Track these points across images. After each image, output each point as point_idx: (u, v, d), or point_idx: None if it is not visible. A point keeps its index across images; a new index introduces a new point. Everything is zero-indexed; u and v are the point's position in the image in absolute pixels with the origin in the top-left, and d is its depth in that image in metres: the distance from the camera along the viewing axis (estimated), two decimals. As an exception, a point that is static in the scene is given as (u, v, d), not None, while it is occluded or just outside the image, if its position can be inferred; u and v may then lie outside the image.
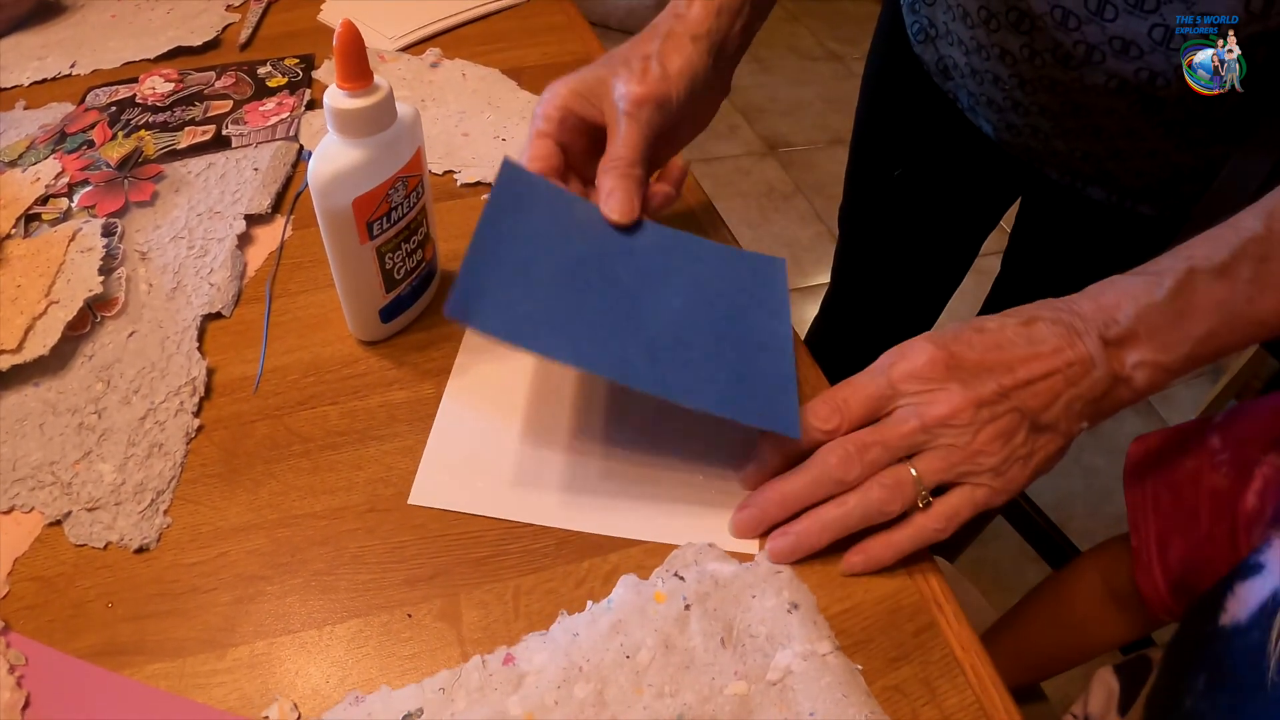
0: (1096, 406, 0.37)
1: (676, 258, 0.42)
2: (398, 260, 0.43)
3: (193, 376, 0.44)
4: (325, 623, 0.35)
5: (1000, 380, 0.35)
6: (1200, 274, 0.36)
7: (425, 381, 0.44)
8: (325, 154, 0.38)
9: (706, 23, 0.44)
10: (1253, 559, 0.40)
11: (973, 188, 0.75)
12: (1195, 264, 0.36)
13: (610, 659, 0.33)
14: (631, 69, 0.43)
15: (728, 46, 0.46)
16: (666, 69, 0.43)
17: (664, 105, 0.43)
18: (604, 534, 0.38)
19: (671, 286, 0.41)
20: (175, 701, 0.34)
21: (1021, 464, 0.36)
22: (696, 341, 0.39)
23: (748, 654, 0.33)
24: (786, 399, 0.37)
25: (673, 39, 0.44)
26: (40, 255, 0.50)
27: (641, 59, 0.43)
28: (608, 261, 0.40)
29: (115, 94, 0.63)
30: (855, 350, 0.96)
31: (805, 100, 2.11)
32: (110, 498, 0.39)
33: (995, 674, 0.35)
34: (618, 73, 0.43)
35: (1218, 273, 0.36)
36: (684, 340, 0.38)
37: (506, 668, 0.33)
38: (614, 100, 0.43)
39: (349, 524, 0.38)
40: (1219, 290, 0.36)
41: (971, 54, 0.61)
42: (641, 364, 0.36)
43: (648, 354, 0.37)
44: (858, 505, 0.36)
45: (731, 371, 0.38)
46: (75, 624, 0.35)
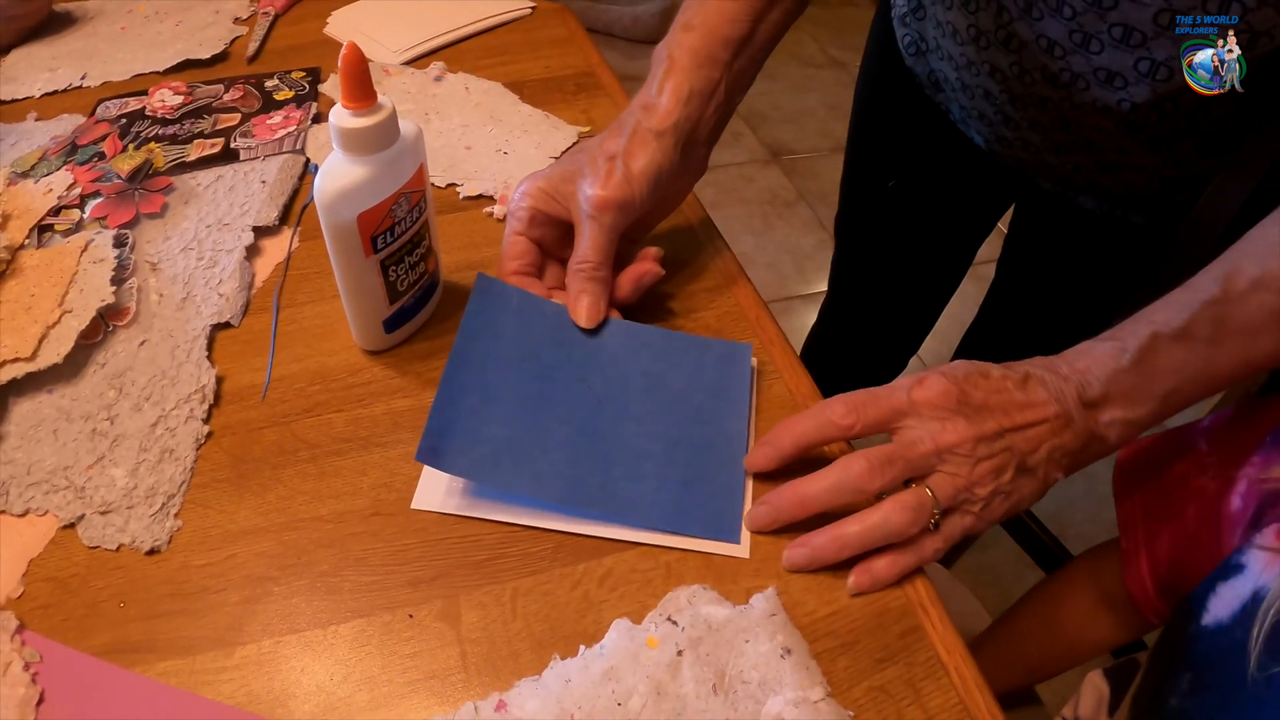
0: (1074, 458, 0.40)
1: (643, 357, 0.45)
2: (401, 273, 0.44)
3: (202, 384, 0.45)
4: (330, 623, 0.37)
5: (999, 421, 0.38)
6: (1162, 338, 0.39)
7: (428, 390, 0.45)
8: (331, 171, 0.40)
9: (674, 115, 0.46)
10: (1234, 559, 0.42)
11: (966, 197, 0.76)
12: (1157, 329, 0.40)
13: (602, 705, 0.33)
14: (596, 171, 0.45)
15: (699, 133, 0.47)
16: (630, 170, 0.45)
17: (626, 207, 0.45)
18: (602, 536, 0.39)
19: (634, 390, 0.44)
20: (185, 698, 0.35)
21: (1003, 499, 0.39)
22: (652, 451, 0.42)
23: (739, 701, 0.33)
24: (731, 507, 0.40)
25: (638, 137, 0.45)
26: (53, 265, 0.51)
27: (606, 160, 0.45)
28: (575, 368, 0.44)
29: (125, 106, 0.65)
30: (854, 356, 0.98)
31: (808, 108, 2.12)
32: (123, 501, 0.41)
33: (980, 677, 0.36)
34: (584, 173, 0.45)
35: (1176, 336, 0.39)
36: (641, 451, 0.42)
37: (499, 714, 0.33)
38: (579, 202, 0.45)
39: (353, 527, 0.40)
40: (1178, 352, 0.39)
41: (962, 70, 0.62)
42: (593, 487, 0.40)
43: (602, 472, 0.41)
44: (880, 525, 0.37)
45: (682, 482, 0.41)
46: (88, 623, 0.37)
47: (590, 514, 0.40)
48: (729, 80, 0.48)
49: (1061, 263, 0.71)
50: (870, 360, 0.98)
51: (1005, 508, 0.39)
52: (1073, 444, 0.39)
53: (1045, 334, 0.76)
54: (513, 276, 0.46)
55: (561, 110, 0.65)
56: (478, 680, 0.35)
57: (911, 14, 0.66)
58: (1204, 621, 0.41)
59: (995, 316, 0.83)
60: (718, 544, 0.39)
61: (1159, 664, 0.46)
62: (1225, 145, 0.55)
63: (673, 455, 0.42)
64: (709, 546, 0.39)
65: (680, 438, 0.42)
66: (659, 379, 0.44)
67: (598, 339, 0.45)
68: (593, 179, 0.44)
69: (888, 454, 0.38)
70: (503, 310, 0.44)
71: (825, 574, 0.38)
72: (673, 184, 0.48)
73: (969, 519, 0.38)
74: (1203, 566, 0.45)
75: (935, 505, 0.37)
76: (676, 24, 0.48)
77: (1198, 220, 0.62)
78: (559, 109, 0.65)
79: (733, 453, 0.42)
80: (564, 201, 0.46)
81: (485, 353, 0.43)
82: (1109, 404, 0.40)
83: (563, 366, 0.44)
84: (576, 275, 0.45)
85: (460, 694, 0.34)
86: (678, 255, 0.53)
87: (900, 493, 0.38)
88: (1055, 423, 0.39)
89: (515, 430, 0.41)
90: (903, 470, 0.38)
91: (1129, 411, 0.40)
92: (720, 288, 0.52)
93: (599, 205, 0.44)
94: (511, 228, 0.47)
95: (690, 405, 0.44)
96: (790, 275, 1.71)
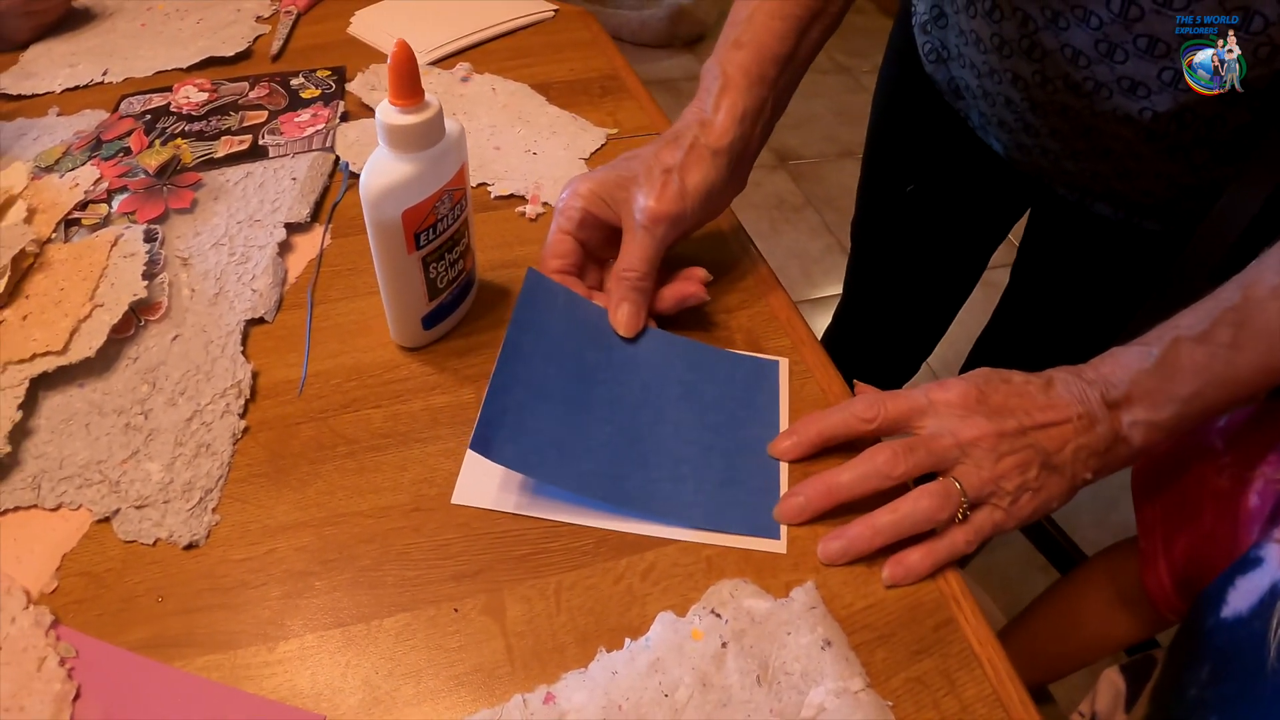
0: (1101, 459, 0.41)
1: (679, 367, 0.46)
2: (441, 270, 0.45)
3: (238, 379, 0.45)
4: (373, 617, 0.37)
5: (1020, 420, 0.39)
6: (1184, 341, 0.40)
7: (465, 387, 0.46)
8: (377, 167, 0.40)
9: (730, 134, 0.46)
10: (1252, 553, 0.43)
11: (982, 202, 0.77)
12: (1180, 333, 0.41)
13: (649, 697, 0.33)
14: (653, 182, 0.45)
15: (749, 150, 0.48)
16: (685, 185, 0.45)
17: (679, 221, 0.45)
18: (641, 534, 0.40)
19: (670, 397, 0.45)
20: (227, 692, 0.34)
21: (1031, 495, 0.39)
22: (689, 454, 0.42)
23: (783, 691, 0.34)
24: (768, 505, 0.41)
25: (695, 152, 0.46)
26: (82, 259, 0.51)
27: (663, 172, 0.45)
28: (615, 371, 0.45)
29: (149, 102, 0.65)
30: (867, 359, 0.99)
31: (815, 113, 2.14)
32: (159, 496, 0.41)
33: (1011, 668, 0.36)
34: (639, 182, 0.45)
35: (1199, 339, 0.40)
36: (678, 455, 0.42)
37: (547, 706, 0.34)
38: (632, 210, 0.45)
39: (395, 522, 0.40)
40: (1200, 354, 0.40)
41: (984, 77, 0.62)
42: (635, 486, 0.41)
43: (642, 472, 0.41)
44: (909, 513, 0.38)
45: (719, 483, 0.42)
46: (124, 617, 0.36)
47: (631, 512, 0.40)
48: (774, 98, 0.49)
49: (1076, 269, 0.72)
50: (883, 363, 0.99)
51: (1035, 504, 0.40)
52: (1098, 444, 0.40)
53: (1059, 339, 0.77)
54: (555, 274, 0.47)
55: (588, 112, 0.65)
56: (524, 673, 0.35)
57: (933, 22, 0.67)
58: (1223, 614, 0.42)
59: (1009, 322, 0.83)
60: (756, 540, 0.40)
61: (1178, 657, 0.47)
62: (1241, 153, 0.56)
63: (709, 458, 0.42)
64: (748, 543, 0.39)
65: (715, 443, 0.43)
66: (693, 387, 0.45)
67: (635, 345, 0.46)
68: (649, 190, 0.45)
69: (910, 442, 0.39)
70: (550, 307, 0.45)
71: (860, 567, 0.39)
72: (721, 199, 0.48)
73: (999, 514, 0.39)
74: (1219, 564, 0.46)
75: (962, 495, 0.38)
76: (725, 40, 0.48)
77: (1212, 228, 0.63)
78: (585, 110, 0.65)
79: (766, 458, 0.43)
80: (615, 207, 0.46)
81: (533, 347, 0.43)
82: (1131, 404, 0.40)
83: (603, 368, 0.45)
84: (621, 283, 0.45)
85: (507, 687, 0.35)
86: (712, 257, 0.54)
87: (928, 483, 0.39)
88: (1079, 423, 0.40)
89: (560, 426, 0.42)
90: (924, 458, 0.39)
91: (1151, 413, 0.40)
92: (752, 289, 0.53)
93: (654, 217, 0.44)
94: (560, 225, 0.47)
95: (723, 413, 0.44)
96: (797, 280, 1.71)
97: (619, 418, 0.43)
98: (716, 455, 0.42)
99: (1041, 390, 0.40)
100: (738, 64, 0.47)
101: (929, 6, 0.67)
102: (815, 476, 0.40)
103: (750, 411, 0.45)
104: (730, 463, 0.42)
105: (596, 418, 0.43)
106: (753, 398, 0.46)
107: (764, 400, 0.46)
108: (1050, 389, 0.41)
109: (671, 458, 0.42)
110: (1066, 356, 0.44)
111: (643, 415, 0.43)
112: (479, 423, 0.39)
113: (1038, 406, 0.40)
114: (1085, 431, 0.40)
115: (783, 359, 0.48)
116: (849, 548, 0.39)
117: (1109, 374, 0.41)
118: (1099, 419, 0.40)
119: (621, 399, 0.44)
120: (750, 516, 0.40)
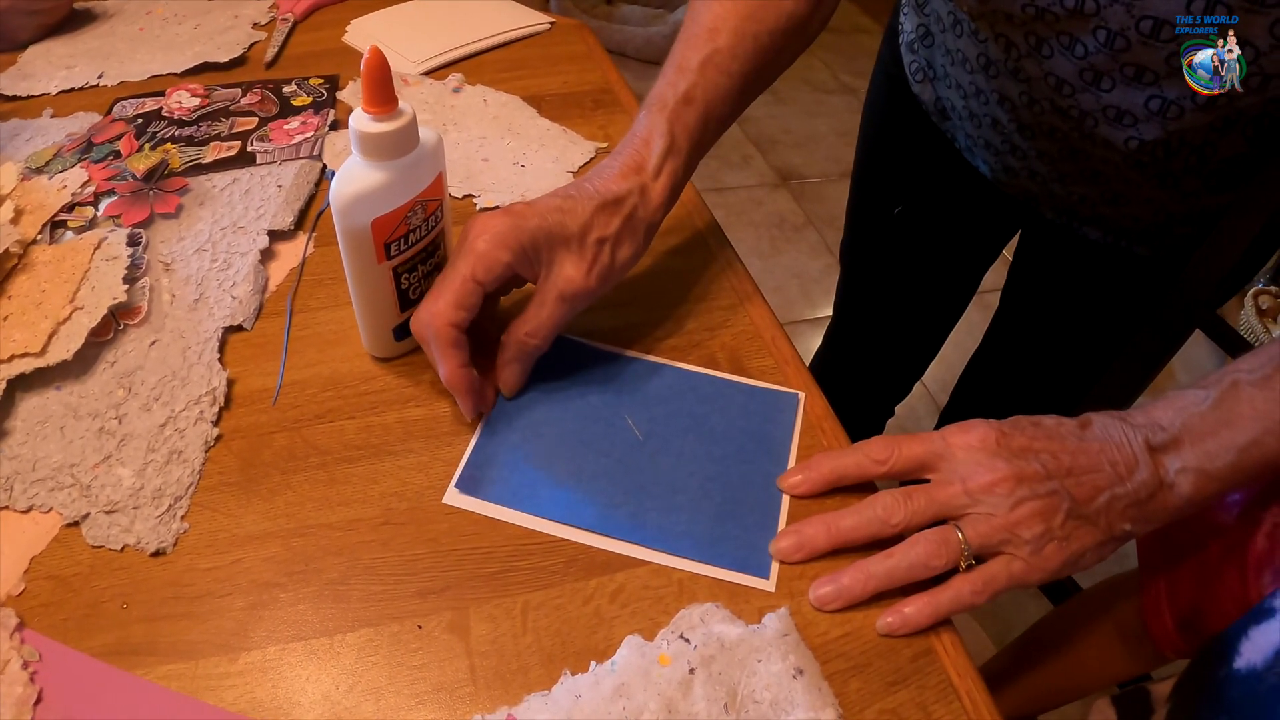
0: (1141, 509, 0.38)
1: (689, 400, 0.46)
2: (414, 280, 0.44)
3: (213, 386, 0.45)
4: (337, 631, 0.36)
5: (1045, 463, 0.37)
6: (1244, 385, 0.38)
7: (440, 400, 0.45)
8: (347, 175, 0.40)
9: (665, 207, 0.45)
10: (1266, 603, 0.41)
11: (971, 224, 0.76)
12: (1239, 376, 0.38)
13: None
14: (585, 253, 0.42)
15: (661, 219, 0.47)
16: (615, 261, 0.43)
17: (596, 295, 0.44)
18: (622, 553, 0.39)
19: (676, 429, 0.44)
20: (186, 702, 0.34)
21: (1058, 544, 0.36)
22: (688, 485, 0.42)
23: None
24: (763, 543, 0.40)
25: (631, 224, 0.44)
26: (65, 261, 0.51)
27: (596, 242, 0.43)
28: (620, 407, 0.45)
29: (142, 106, 0.65)
30: (859, 381, 0.98)
31: (818, 133, 2.14)
32: (129, 501, 0.40)
33: (990, 701, 0.35)
34: (570, 246, 0.42)
35: (1261, 384, 0.37)
36: (676, 485, 0.42)
37: None
38: (554, 275, 0.42)
39: (363, 535, 0.39)
40: (1260, 400, 0.37)
41: (970, 98, 0.62)
42: (625, 514, 0.40)
43: (635, 501, 0.41)
44: (903, 559, 0.37)
45: (715, 516, 0.41)
46: (89, 623, 0.36)
47: (624, 536, 0.40)
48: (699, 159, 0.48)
49: (1066, 292, 0.72)
50: (875, 385, 0.98)
51: (1064, 556, 0.37)
52: (1138, 493, 0.37)
53: (1049, 363, 0.76)
54: (452, 335, 0.40)
55: (579, 125, 0.65)
56: (486, 694, 0.34)
57: (920, 40, 0.67)
58: (1236, 665, 0.41)
59: (1000, 344, 0.83)
60: (745, 577, 0.39)
61: (1186, 705, 0.45)
62: (1233, 182, 0.56)
63: (708, 490, 0.42)
64: (736, 578, 0.39)
65: (717, 474, 0.42)
66: (702, 419, 0.45)
67: (646, 382, 0.46)
68: (578, 260, 0.42)
69: (912, 489, 0.38)
70: (552, 356, 0.45)
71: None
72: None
73: (1018, 564, 0.37)
74: (1224, 605, 0.45)
75: (964, 544, 0.37)
76: (679, 88, 0.45)
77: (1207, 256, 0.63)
78: (576, 124, 0.65)
79: (769, 493, 0.42)
80: (536, 264, 0.42)
81: (533, 396, 0.45)
82: (1179, 448, 0.38)
83: (609, 406, 0.45)
84: (519, 345, 0.43)
85: (468, 707, 0.34)
86: (693, 271, 0.53)
87: (927, 529, 0.37)
88: (1115, 470, 0.37)
89: (553, 463, 0.42)
90: (926, 505, 0.37)
91: (1202, 461, 0.37)
92: (735, 306, 0.52)
93: (578, 292, 0.42)
94: (474, 273, 0.40)
95: (731, 445, 0.44)
96: (797, 299, 1.71)
97: (618, 450, 0.43)
98: (717, 487, 0.42)
99: (1074, 432, 0.38)
100: (685, 126, 0.45)
101: (915, 25, 0.67)
102: (816, 516, 0.39)
103: (760, 444, 0.44)
104: (730, 496, 0.42)
105: (595, 450, 0.43)
106: (765, 430, 0.45)
107: (777, 433, 0.45)
108: (1085, 431, 0.38)
109: (669, 488, 0.42)
110: (1057, 377, 0.42)
111: (647, 447, 0.43)
112: (466, 465, 0.40)
113: (1067, 450, 0.37)
114: (1123, 479, 0.37)
115: (801, 392, 0.47)
116: (841, 592, 0.37)
117: (1158, 417, 0.38)
118: (1139, 465, 0.37)
119: (625, 433, 0.44)
120: (742, 552, 0.39)
